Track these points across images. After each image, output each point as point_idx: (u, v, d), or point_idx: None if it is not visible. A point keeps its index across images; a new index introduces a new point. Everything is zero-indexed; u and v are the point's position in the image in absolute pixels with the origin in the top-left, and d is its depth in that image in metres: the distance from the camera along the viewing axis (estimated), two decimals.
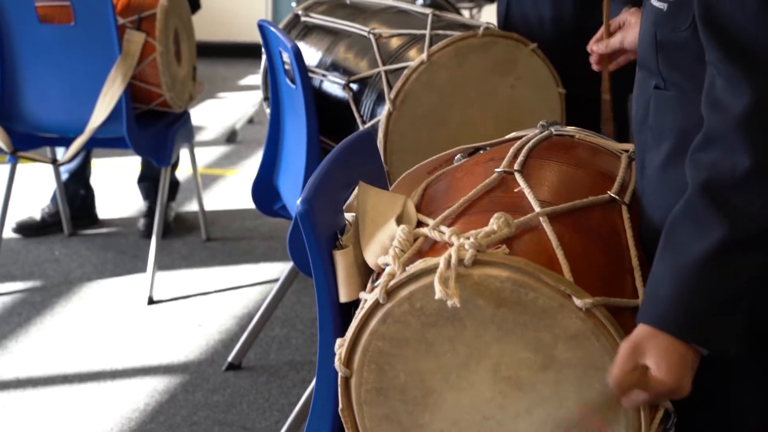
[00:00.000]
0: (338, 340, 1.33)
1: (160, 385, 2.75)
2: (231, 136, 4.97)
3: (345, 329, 1.32)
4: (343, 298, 1.38)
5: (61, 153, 3.50)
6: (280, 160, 2.66)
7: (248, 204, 2.87)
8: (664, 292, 1.17)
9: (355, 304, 1.36)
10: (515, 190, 1.39)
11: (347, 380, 1.32)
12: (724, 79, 1.12)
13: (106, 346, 2.96)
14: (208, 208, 3.86)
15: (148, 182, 3.80)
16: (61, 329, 3.05)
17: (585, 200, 1.37)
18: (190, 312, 3.18)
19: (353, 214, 1.45)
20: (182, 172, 4.02)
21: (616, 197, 1.40)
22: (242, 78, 6.22)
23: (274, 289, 2.88)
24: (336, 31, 2.66)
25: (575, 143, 1.59)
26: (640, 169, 1.38)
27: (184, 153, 3.74)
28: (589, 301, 1.20)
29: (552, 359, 1.24)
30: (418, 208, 1.44)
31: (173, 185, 3.82)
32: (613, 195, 1.40)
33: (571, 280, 1.23)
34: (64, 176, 3.72)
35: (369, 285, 1.37)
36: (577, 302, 1.21)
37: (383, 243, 1.36)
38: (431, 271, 1.23)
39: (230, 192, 4.26)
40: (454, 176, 1.53)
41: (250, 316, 3.07)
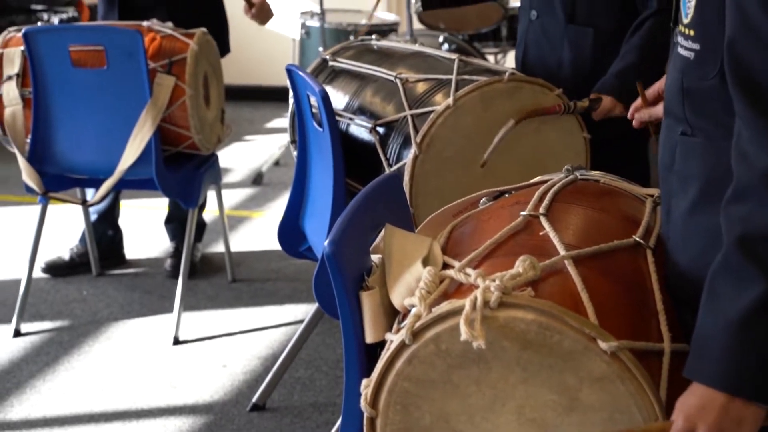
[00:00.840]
0: (364, 381, 1.34)
1: (185, 425, 2.76)
2: (257, 178, 5.02)
3: (371, 370, 1.34)
4: (369, 339, 1.40)
5: (91, 194, 3.54)
6: (307, 202, 2.69)
7: (274, 245, 2.89)
8: (712, 349, 1.18)
9: (381, 345, 1.38)
10: (540, 234, 1.41)
11: (373, 421, 1.33)
12: (750, 131, 1.14)
13: (132, 385, 2.98)
14: (234, 249, 3.89)
15: (175, 223, 3.84)
16: (88, 369, 3.07)
17: (610, 244, 1.38)
18: (215, 352, 3.20)
19: (380, 255, 1.47)
20: (209, 214, 4.06)
21: (641, 241, 1.41)
22: (269, 121, 6.28)
23: (298, 330, 2.90)
24: (363, 75, 2.69)
25: (600, 187, 1.60)
26: (665, 213, 1.39)
27: (211, 194, 3.78)
28: (614, 344, 1.21)
29: (577, 402, 1.25)
30: (444, 251, 1.46)
31: (200, 226, 3.85)
32: (638, 239, 1.41)
33: (596, 323, 1.24)
34: (93, 217, 3.76)
35: (395, 326, 1.39)
36: (602, 345, 1.21)
37: (409, 284, 1.38)
38: (457, 312, 1.25)
39: (256, 233, 4.29)
40: (479, 219, 1.55)
41: (274, 357, 3.08)
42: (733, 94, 1.16)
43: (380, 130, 2.49)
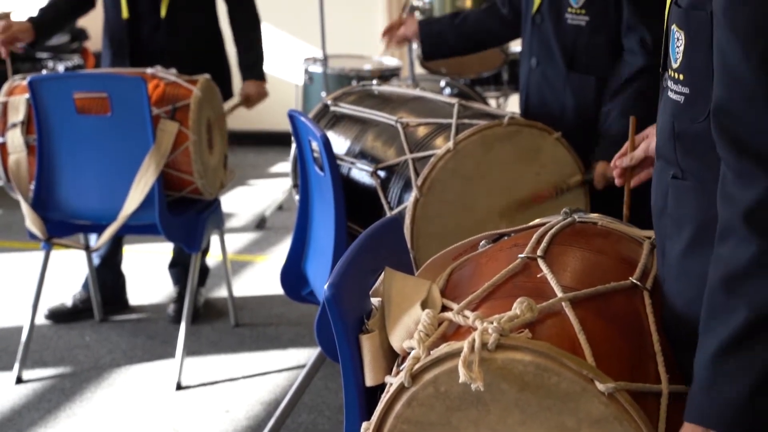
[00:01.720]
0: (364, 424, 1.34)
1: None
2: (261, 223, 5.04)
3: (371, 413, 1.34)
4: (369, 381, 1.40)
5: (94, 239, 3.56)
6: (309, 246, 2.70)
7: (277, 290, 2.89)
8: (695, 385, 1.18)
9: (381, 388, 1.38)
10: (538, 276, 1.41)
11: None
12: (734, 173, 1.15)
13: (134, 431, 2.97)
14: (237, 293, 3.89)
15: (179, 268, 3.85)
16: (90, 416, 3.06)
17: (607, 286, 1.39)
18: (217, 398, 3.19)
19: (380, 298, 1.48)
20: (212, 258, 4.07)
21: (638, 283, 1.42)
22: (272, 165, 6.32)
23: (301, 375, 2.89)
24: (364, 120, 2.72)
25: (598, 230, 1.61)
26: (661, 256, 1.40)
27: (214, 239, 3.79)
28: (611, 385, 1.21)
29: None
30: (443, 293, 1.47)
31: (203, 271, 3.86)
32: (635, 281, 1.42)
33: (594, 364, 1.25)
34: (96, 262, 3.77)
35: (394, 369, 1.39)
36: (600, 387, 1.22)
37: (408, 327, 1.38)
38: (455, 354, 1.25)
39: (259, 278, 4.30)
40: (478, 262, 1.56)
41: (277, 402, 3.08)
42: (715, 137, 1.17)
43: (381, 173, 2.51)
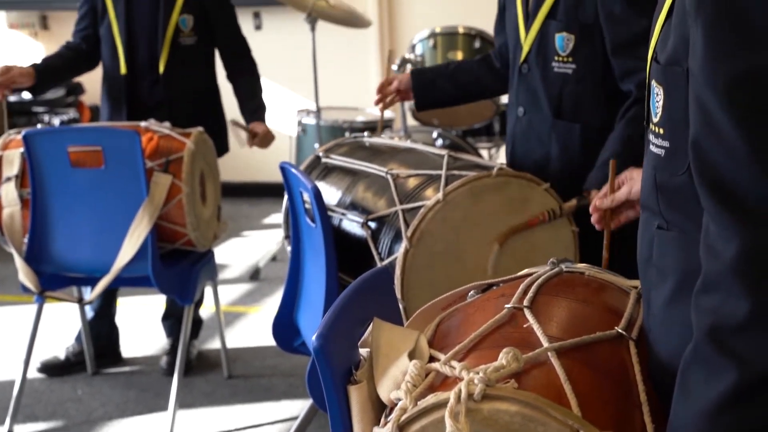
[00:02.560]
0: None
1: None
2: (254, 274, 5.04)
3: None
4: None
5: (88, 292, 3.56)
6: (300, 297, 2.71)
7: (270, 341, 2.89)
8: None
9: None
10: (524, 326, 1.42)
11: None
12: (716, 225, 1.15)
13: None
14: (230, 345, 3.89)
15: (172, 320, 3.85)
16: None
17: (593, 336, 1.40)
18: None
19: (368, 349, 1.49)
20: (206, 310, 4.07)
21: (624, 333, 1.43)
22: (266, 216, 6.34)
23: (293, 426, 2.88)
24: (355, 171, 2.74)
25: (584, 280, 1.63)
26: (646, 306, 1.41)
27: (207, 290, 3.79)
28: None
29: None
30: (431, 344, 1.47)
31: (196, 323, 3.86)
32: (620, 330, 1.43)
33: (580, 414, 1.25)
34: (90, 315, 3.77)
35: (382, 420, 1.39)
36: None
37: (396, 378, 1.39)
38: (442, 405, 1.26)
39: (252, 329, 4.30)
40: (466, 312, 1.57)
41: None
42: (698, 189, 1.18)
43: (372, 224, 2.53)
